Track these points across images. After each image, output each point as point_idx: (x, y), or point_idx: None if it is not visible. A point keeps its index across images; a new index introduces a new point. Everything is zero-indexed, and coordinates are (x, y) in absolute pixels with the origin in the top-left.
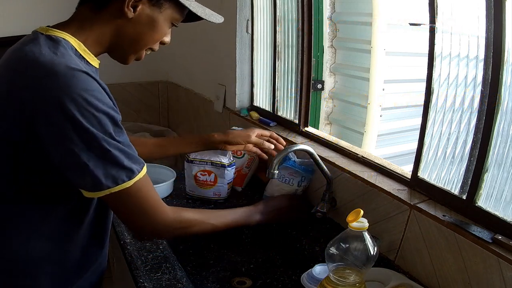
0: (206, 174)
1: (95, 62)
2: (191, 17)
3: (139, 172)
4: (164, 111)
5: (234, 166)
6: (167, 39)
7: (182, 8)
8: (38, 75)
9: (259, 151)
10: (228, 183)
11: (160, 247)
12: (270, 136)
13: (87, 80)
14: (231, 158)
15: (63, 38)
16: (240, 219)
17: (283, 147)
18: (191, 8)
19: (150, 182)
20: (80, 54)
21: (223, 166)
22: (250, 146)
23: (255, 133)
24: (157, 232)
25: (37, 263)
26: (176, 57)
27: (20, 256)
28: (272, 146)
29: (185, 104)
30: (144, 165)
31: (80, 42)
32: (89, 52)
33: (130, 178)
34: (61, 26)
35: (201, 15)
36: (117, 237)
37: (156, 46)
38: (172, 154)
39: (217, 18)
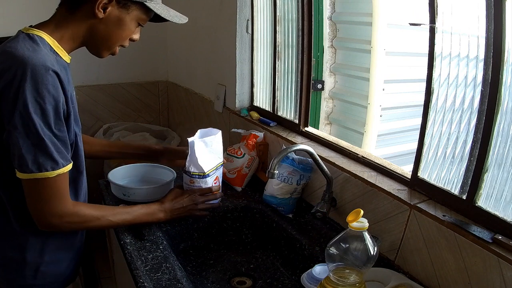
0: (193, 183)
1: (66, 57)
2: (158, 17)
3: (63, 167)
4: (164, 111)
5: (210, 176)
6: (135, 36)
7: (148, 10)
8: (10, 65)
9: None
10: None
11: (160, 247)
12: None
13: (47, 75)
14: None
15: (40, 36)
16: (142, 217)
17: None
18: (155, 11)
19: (68, 180)
20: (54, 50)
21: (199, 176)
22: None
23: None
24: (54, 222)
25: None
26: (176, 57)
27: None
28: None
29: (185, 104)
30: (70, 163)
31: (54, 40)
32: (62, 48)
33: (53, 169)
34: (41, 25)
35: (165, 17)
36: (117, 237)
37: (126, 43)
38: (117, 158)
39: (181, 19)
